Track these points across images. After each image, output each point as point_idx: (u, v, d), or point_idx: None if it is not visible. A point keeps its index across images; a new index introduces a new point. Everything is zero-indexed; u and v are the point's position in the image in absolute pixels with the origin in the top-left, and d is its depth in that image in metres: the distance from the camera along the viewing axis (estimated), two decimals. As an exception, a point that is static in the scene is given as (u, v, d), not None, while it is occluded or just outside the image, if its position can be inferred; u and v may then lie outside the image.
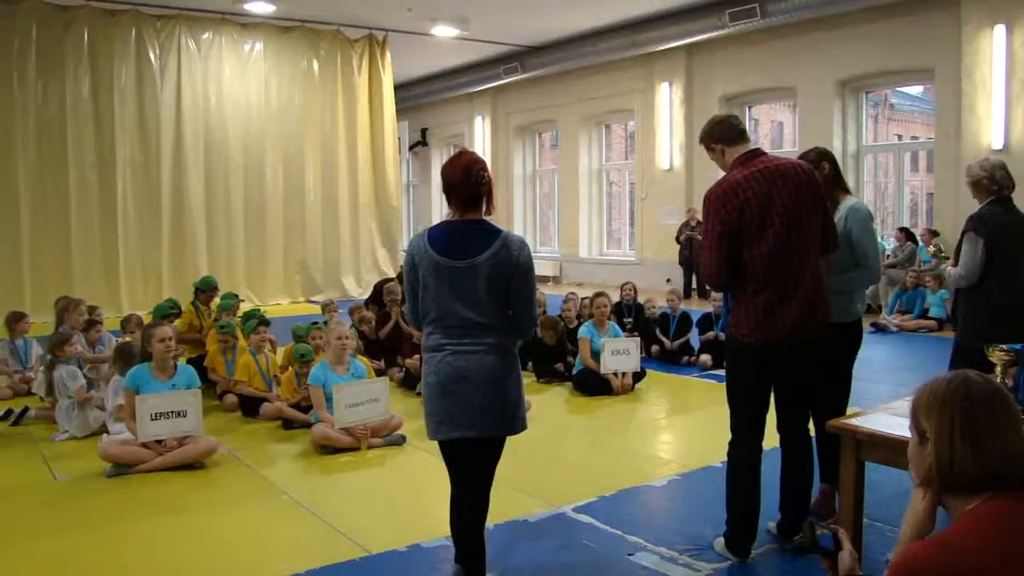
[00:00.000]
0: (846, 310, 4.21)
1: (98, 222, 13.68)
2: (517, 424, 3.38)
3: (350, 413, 5.88)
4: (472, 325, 3.24)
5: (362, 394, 5.97)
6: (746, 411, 3.88)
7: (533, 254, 3.37)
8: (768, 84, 14.63)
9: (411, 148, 22.30)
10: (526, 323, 3.35)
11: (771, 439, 3.95)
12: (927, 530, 1.97)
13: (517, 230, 19.45)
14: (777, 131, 21.44)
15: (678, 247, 15.00)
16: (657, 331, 9.20)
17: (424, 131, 22.67)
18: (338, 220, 16.03)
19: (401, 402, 7.16)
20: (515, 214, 20.22)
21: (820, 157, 4.29)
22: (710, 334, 8.87)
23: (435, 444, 3.47)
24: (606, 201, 18.98)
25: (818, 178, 3.89)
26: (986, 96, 11.21)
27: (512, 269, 3.22)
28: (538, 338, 8.24)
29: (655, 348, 9.10)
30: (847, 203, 4.21)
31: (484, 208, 3.36)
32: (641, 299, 9.57)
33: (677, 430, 6.62)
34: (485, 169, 3.35)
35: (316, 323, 7.59)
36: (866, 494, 3.51)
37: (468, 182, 3.29)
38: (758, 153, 3.83)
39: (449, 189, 3.33)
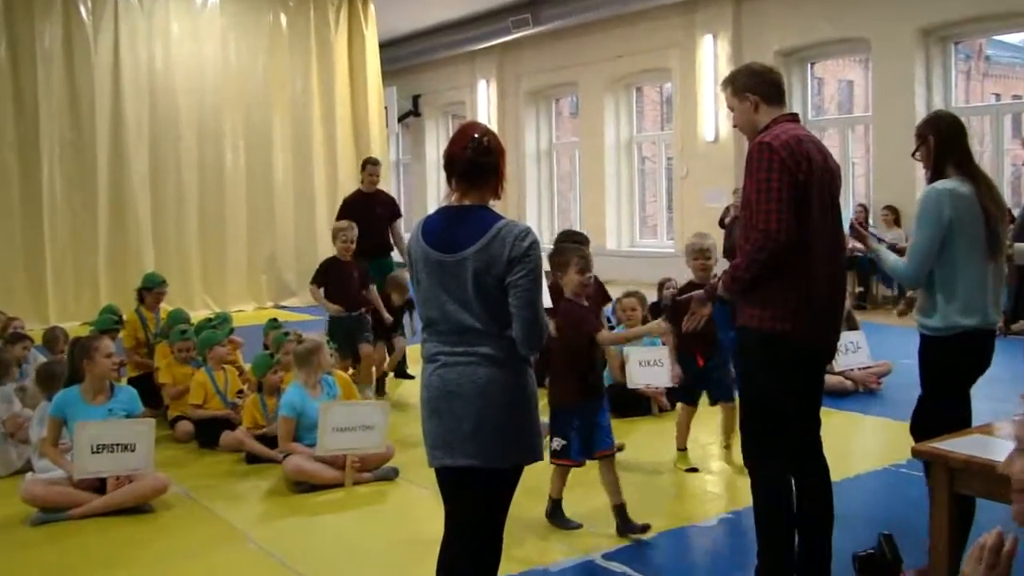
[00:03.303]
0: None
1: (19, 215, 13.66)
2: (525, 454, 3.31)
3: (336, 438, 5.86)
4: (465, 330, 3.21)
5: (354, 418, 5.97)
6: (779, 422, 3.87)
7: (550, 246, 3.33)
8: (835, 35, 14.55)
9: (400, 119, 22.33)
10: (528, 332, 3.19)
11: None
12: None
13: (530, 216, 19.48)
14: (846, 92, 21.40)
15: (723, 234, 14.86)
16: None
17: (416, 99, 22.70)
18: (314, 207, 16.05)
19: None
20: (527, 198, 20.19)
21: (926, 128, 4.25)
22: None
23: (433, 476, 3.43)
24: (638, 180, 18.96)
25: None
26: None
27: (504, 266, 3.15)
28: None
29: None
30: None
31: (491, 190, 3.33)
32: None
33: (728, 458, 6.57)
34: (494, 139, 3.34)
35: (287, 333, 7.51)
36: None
37: (466, 153, 3.26)
38: (798, 119, 3.93)
39: (449, 163, 3.33)
